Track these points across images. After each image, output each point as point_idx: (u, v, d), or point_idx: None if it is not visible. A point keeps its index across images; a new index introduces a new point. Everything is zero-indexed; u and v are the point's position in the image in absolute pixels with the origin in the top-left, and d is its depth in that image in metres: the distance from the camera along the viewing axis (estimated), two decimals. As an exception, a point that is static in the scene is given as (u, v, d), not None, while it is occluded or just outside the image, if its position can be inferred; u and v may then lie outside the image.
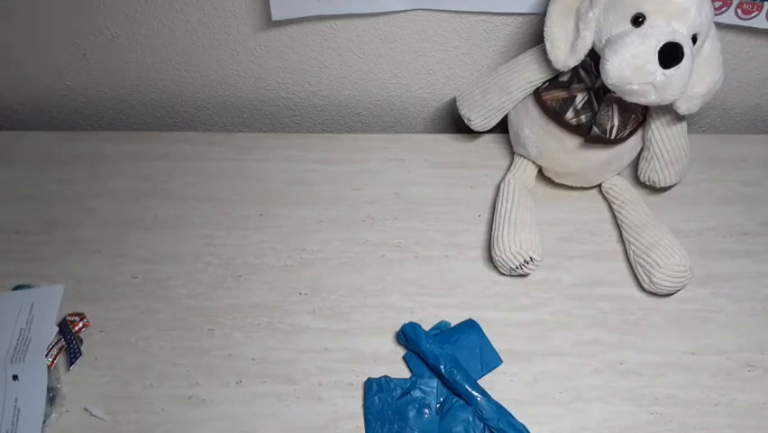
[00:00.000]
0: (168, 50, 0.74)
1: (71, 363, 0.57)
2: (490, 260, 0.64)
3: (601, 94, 0.62)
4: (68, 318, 0.59)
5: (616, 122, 0.63)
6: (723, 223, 0.70)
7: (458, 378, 0.55)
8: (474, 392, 0.55)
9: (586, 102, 0.63)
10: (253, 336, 0.60)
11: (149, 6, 0.69)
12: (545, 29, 0.61)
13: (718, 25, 0.64)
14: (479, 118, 0.70)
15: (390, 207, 0.70)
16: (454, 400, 0.56)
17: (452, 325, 0.61)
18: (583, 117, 0.63)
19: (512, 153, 0.73)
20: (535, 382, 0.58)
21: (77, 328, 0.59)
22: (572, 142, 0.65)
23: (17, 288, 0.62)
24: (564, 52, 0.61)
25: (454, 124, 0.83)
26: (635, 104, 0.60)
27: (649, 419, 0.56)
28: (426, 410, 0.55)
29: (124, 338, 0.59)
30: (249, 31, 0.71)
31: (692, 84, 0.59)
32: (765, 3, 0.66)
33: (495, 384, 0.58)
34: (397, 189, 0.71)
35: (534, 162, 0.70)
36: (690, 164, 0.69)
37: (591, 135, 0.63)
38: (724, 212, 0.71)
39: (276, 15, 0.67)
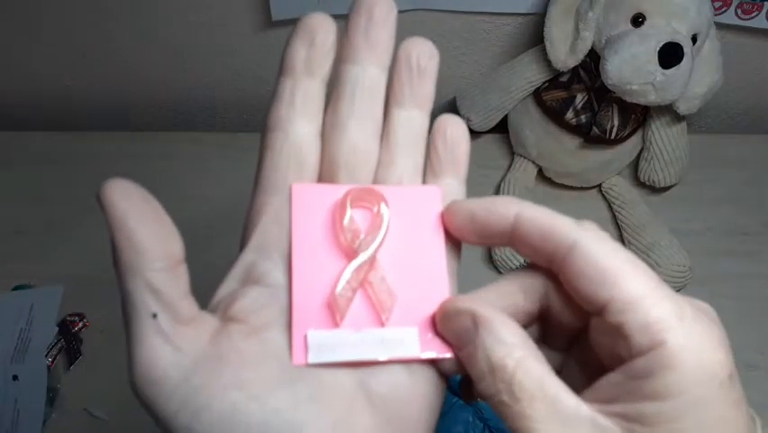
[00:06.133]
0: (168, 50, 0.74)
1: (71, 363, 0.57)
2: (491, 260, 0.64)
3: (601, 94, 0.62)
4: (68, 318, 0.59)
5: (616, 122, 0.63)
6: (723, 223, 0.70)
7: (457, 377, 0.55)
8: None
9: (586, 102, 0.63)
10: (253, 336, 0.60)
11: (149, 6, 0.69)
12: (545, 29, 0.61)
13: (718, 25, 0.64)
14: (479, 118, 0.70)
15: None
16: (454, 400, 0.56)
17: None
18: (583, 117, 0.63)
19: (512, 153, 0.73)
20: (535, 382, 0.58)
21: (77, 328, 0.59)
22: (572, 142, 0.65)
23: (17, 288, 0.62)
24: (564, 52, 0.61)
25: (454, 124, 0.83)
26: (635, 104, 0.60)
27: (649, 419, 0.56)
28: (426, 410, 0.55)
29: (124, 338, 0.59)
30: (249, 31, 0.71)
31: (692, 84, 0.59)
32: (765, 3, 0.66)
33: (495, 384, 0.58)
34: (397, 189, 0.71)
35: (534, 162, 0.70)
36: (690, 164, 0.69)
37: (591, 135, 0.63)
38: (724, 212, 0.70)
39: (276, 15, 0.67)
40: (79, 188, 0.70)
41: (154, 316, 0.21)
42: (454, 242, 0.26)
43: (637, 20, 0.57)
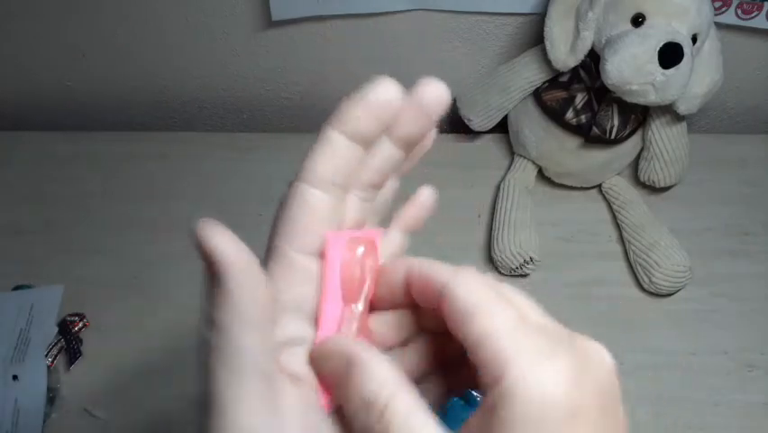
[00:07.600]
0: (168, 50, 0.74)
1: (71, 363, 0.57)
2: (490, 260, 0.64)
3: (601, 94, 0.62)
4: (68, 319, 0.59)
5: (616, 122, 0.63)
6: (723, 223, 0.70)
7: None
8: (475, 392, 0.55)
9: (586, 102, 0.63)
10: (253, 336, 0.60)
11: (148, 6, 0.69)
12: (545, 29, 0.61)
13: (718, 25, 0.64)
14: (479, 118, 0.70)
15: (390, 207, 0.69)
16: (454, 399, 0.56)
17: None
18: (583, 117, 0.63)
19: (512, 153, 0.73)
20: (535, 382, 0.58)
21: (76, 328, 0.59)
22: (572, 142, 0.65)
23: (17, 288, 0.62)
24: (564, 52, 0.61)
25: (454, 124, 0.83)
26: (635, 104, 0.60)
27: (649, 419, 0.56)
28: (426, 410, 0.55)
29: (124, 338, 0.59)
30: (249, 31, 0.71)
31: (692, 84, 0.59)
32: (765, 3, 0.66)
33: (495, 384, 0.57)
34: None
35: (534, 162, 0.70)
36: (690, 164, 0.69)
37: (591, 135, 0.63)
38: (724, 212, 0.70)
39: (276, 15, 0.67)
40: (79, 188, 0.70)
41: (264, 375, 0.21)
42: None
43: (637, 20, 0.57)
